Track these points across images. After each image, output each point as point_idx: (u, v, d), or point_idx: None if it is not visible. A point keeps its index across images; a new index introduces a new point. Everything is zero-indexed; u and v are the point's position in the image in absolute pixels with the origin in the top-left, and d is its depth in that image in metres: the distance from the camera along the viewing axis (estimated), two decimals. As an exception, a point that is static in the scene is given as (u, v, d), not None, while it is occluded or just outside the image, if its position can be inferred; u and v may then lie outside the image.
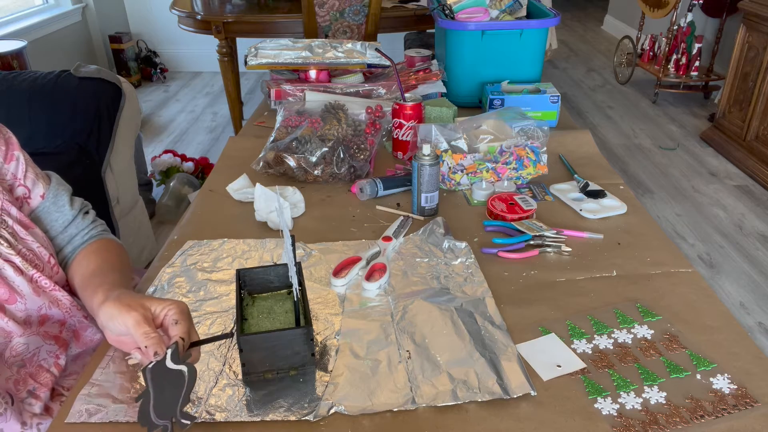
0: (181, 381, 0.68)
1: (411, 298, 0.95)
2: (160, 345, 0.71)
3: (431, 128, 1.32)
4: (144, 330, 0.72)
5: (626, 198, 1.23)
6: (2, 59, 3.05)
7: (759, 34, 3.15)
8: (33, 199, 0.95)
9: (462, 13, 1.70)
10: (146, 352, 0.70)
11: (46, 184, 0.97)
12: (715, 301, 0.95)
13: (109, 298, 0.78)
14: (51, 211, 0.97)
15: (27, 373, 0.88)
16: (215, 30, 3.00)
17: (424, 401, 0.76)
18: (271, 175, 1.34)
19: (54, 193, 0.98)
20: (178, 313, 0.74)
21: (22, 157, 0.95)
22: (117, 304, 0.76)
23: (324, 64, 1.68)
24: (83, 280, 0.91)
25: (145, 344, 0.71)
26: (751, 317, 2.22)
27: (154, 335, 0.71)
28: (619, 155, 3.51)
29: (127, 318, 0.73)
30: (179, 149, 3.52)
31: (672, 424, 0.73)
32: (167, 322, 0.74)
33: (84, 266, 0.94)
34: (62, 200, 0.98)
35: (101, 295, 0.81)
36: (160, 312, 0.75)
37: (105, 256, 0.96)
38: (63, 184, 1.01)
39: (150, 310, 0.75)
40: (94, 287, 0.85)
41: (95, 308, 0.80)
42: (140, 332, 0.72)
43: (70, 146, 2.05)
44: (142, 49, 4.86)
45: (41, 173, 0.98)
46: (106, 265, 0.93)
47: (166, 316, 0.75)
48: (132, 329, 0.72)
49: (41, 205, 0.96)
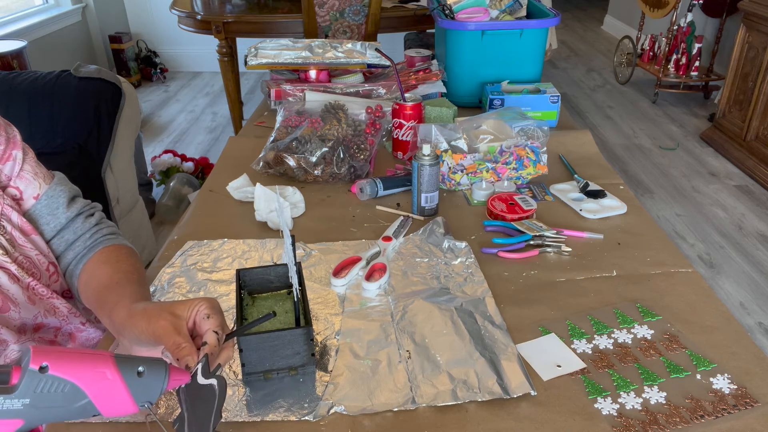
0: (211, 396, 0.64)
1: (411, 298, 0.95)
2: (192, 355, 0.66)
3: (431, 128, 1.32)
4: (174, 341, 0.67)
5: (626, 198, 1.23)
6: (2, 59, 3.06)
7: (759, 34, 3.15)
8: (26, 201, 0.89)
9: (462, 13, 1.70)
10: (180, 364, 0.66)
11: (45, 184, 0.91)
12: (715, 301, 0.95)
13: (133, 315, 0.73)
14: (43, 213, 0.91)
15: None
16: (215, 30, 3.00)
17: (424, 401, 0.76)
18: (271, 175, 1.34)
19: (50, 194, 0.91)
20: (209, 308, 0.70)
21: (20, 155, 0.89)
22: (142, 317, 0.71)
23: (324, 64, 1.68)
24: (97, 295, 0.84)
25: (176, 357, 0.66)
26: (751, 317, 2.22)
27: (185, 345, 0.66)
28: (619, 155, 3.51)
29: (156, 329, 0.68)
30: (179, 149, 3.52)
31: (672, 424, 0.73)
32: (198, 319, 0.70)
33: (96, 279, 0.87)
34: (57, 202, 0.92)
35: (122, 311, 0.75)
36: (189, 314, 0.70)
37: (117, 266, 0.88)
38: (63, 185, 0.94)
39: (179, 317, 0.70)
40: (112, 304, 0.78)
41: (117, 326, 0.75)
42: (171, 342, 0.67)
43: (70, 146, 2.05)
44: (142, 49, 4.86)
45: (46, 173, 0.93)
46: (122, 276, 0.85)
47: (196, 315, 0.70)
48: (163, 340, 0.68)
49: (34, 207, 0.90)
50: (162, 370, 0.59)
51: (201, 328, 0.69)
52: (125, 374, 0.56)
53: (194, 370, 0.64)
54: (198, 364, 0.65)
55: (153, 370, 0.58)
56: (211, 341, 0.67)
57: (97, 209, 0.98)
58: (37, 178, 0.91)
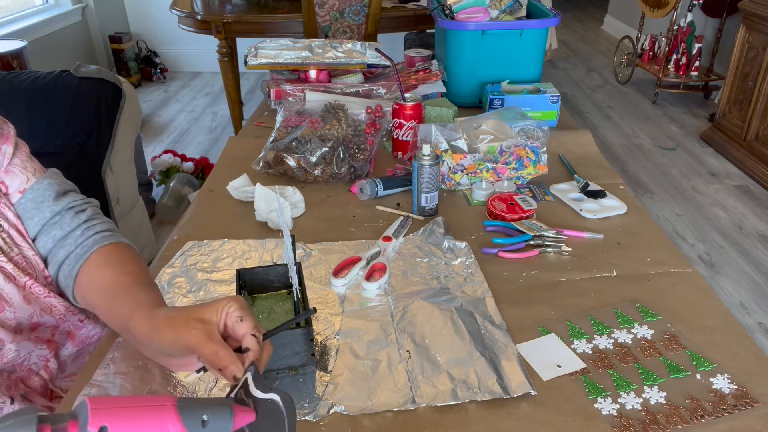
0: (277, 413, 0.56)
1: (411, 298, 0.95)
2: (236, 363, 0.61)
3: (431, 128, 1.32)
4: (211, 349, 0.62)
5: (626, 198, 1.23)
6: (2, 59, 3.06)
7: (759, 34, 3.15)
8: (11, 195, 0.85)
9: (462, 13, 1.70)
10: (225, 374, 0.62)
11: (34, 178, 0.86)
12: (715, 301, 0.95)
13: (158, 327, 0.68)
14: (28, 208, 0.85)
15: (17, 378, 0.86)
16: (215, 30, 3.00)
17: (424, 401, 0.76)
18: (271, 175, 1.34)
19: (36, 188, 0.86)
20: (239, 309, 0.66)
21: (9, 150, 0.85)
22: (168, 328, 0.66)
23: (324, 64, 1.68)
24: (104, 302, 0.80)
25: (217, 366, 0.62)
26: (751, 317, 2.22)
27: (223, 353, 0.62)
28: (619, 155, 3.51)
29: (188, 339, 0.64)
30: (179, 149, 3.52)
31: (672, 424, 0.73)
32: (231, 323, 0.66)
33: (99, 284, 0.81)
34: (44, 196, 0.86)
35: (144, 323, 0.70)
36: (219, 317, 0.66)
37: (122, 269, 0.82)
38: (53, 179, 0.89)
39: (209, 322, 0.66)
40: (126, 313, 0.73)
41: (139, 339, 0.70)
42: (208, 352, 0.62)
43: (70, 146, 2.05)
44: (142, 49, 4.86)
45: (38, 168, 0.89)
46: (130, 280, 0.80)
47: (227, 318, 0.66)
48: (198, 351, 0.63)
49: (19, 202, 0.85)
50: (227, 413, 0.54)
51: (236, 333, 0.66)
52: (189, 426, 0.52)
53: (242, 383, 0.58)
54: (247, 373, 0.59)
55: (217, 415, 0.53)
56: (253, 346, 0.63)
57: (91, 204, 0.92)
58: (26, 172, 0.86)
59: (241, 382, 0.59)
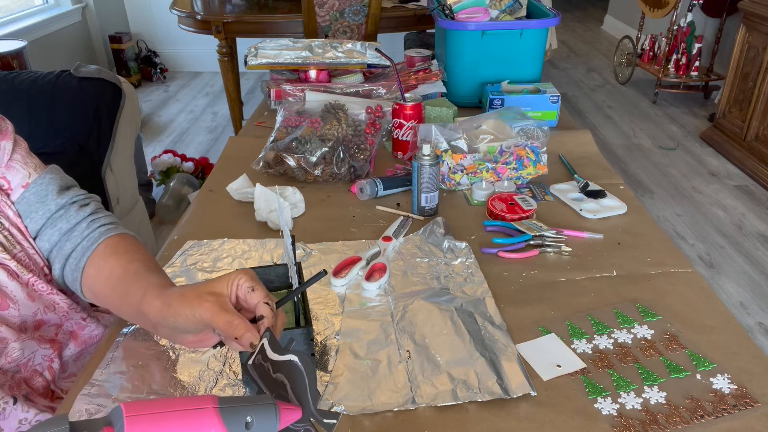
0: (297, 373, 0.56)
1: (411, 298, 0.95)
2: (251, 330, 0.62)
3: (431, 128, 1.32)
4: (225, 319, 0.63)
5: (626, 198, 1.23)
6: (2, 59, 3.06)
7: (759, 34, 3.15)
8: (14, 191, 0.85)
9: (462, 13, 1.70)
10: (242, 342, 0.62)
11: (36, 173, 0.87)
12: (715, 301, 0.95)
13: (170, 304, 0.68)
14: (32, 202, 0.85)
15: (21, 378, 0.86)
16: (215, 30, 3.00)
17: (424, 401, 0.76)
18: (271, 175, 1.34)
19: (39, 182, 0.86)
20: (249, 280, 0.67)
21: (9, 146, 0.85)
22: (182, 304, 0.67)
23: (324, 64, 1.68)
24: (114, 289, 0.80)
25: (233, 336, 0.62)
26: (751, 317, 2.22)
27: (238, 321, 0.63)
28: (619, 155, 3.52)
29: (201, 312, 0.65)
30: (179, 149, 3.52)
31: (672, 424, 0.73)
32: (243, 294, 0.67)
33: (108, 271, 0.81)
34: (47, 189, 0.86)
35: (155, 302, 0.70)
36: (230, 289, 0.67)
37: (129, 256, 0.82)
38: (55, 174, 0.89)
39: (221, 294, 0.67)
40: (137, 296, 0.73)
41: (152, 318, 0.71)
42: (223, 322, 0.63)
43: (70, 146, 2.05)
44: (142, 49, 4.87)
45: (38, 164, 0.89)
46: (138, 266, 0.80)
47: (238, 290, 0.67)
48: (213, 322, 0.64)
49: (22, 196, 0.85)
50: (272, 412, 0.52)
51: (249, 303, 0.67)
52: (232, 430, 0.50)
53: (259, 348, 0.58)
54: (263, 339, 0.59)
55: (262, 416, 0.51)
56: (267, 313, 0.65)
57: (94, 199, 0.92)
58: (27, 168, 0.87)
59: (258, 348, 0.59)
